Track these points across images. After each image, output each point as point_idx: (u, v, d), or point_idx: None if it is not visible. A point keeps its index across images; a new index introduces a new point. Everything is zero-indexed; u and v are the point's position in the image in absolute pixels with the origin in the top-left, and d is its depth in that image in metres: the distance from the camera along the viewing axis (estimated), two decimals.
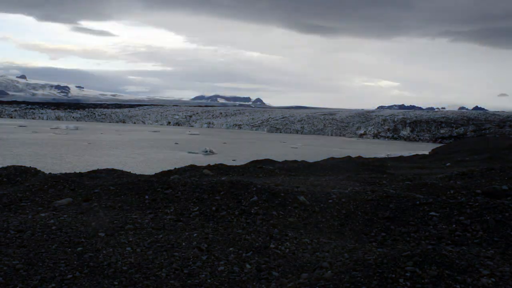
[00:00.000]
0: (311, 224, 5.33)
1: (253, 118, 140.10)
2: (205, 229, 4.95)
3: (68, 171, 10.36)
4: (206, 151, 44.79)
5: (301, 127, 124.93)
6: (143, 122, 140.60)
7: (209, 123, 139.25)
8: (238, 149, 52.10)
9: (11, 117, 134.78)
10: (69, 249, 4.20)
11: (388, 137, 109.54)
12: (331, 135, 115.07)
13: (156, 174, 11.04)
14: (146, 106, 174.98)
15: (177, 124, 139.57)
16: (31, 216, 5.32)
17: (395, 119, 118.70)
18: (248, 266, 4.01)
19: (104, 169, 9.98)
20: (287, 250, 4.40)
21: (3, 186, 7.22)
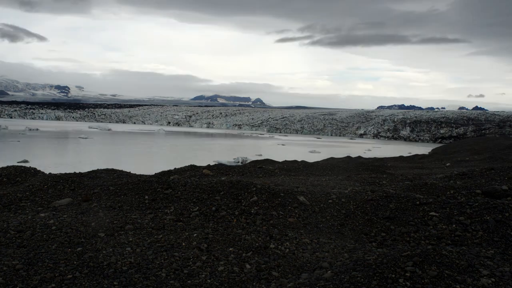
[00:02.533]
0: (311, 224, 5.33)
1: (253, 118, 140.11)
2: (205, 229, 4.95)
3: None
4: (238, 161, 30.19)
5: (301, 127, 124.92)
6: (143, 122, 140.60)
7: (209, 123, 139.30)
8: None
9: (11, 117, 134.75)
10: (69, 249, 4.20)
11: (388, 137, 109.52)
12: (331, 135, 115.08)
13: (156, 174, 11.04)
14: (146, 106, 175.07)
15: (177, 124, 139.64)
16: (31, 216, 5.32)
17: (395, 119, 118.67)
18: (248, 266, 4.00)
19: (103, 169, 9.97)
20: (287, 250, 4.40)
21: (3, 186, 7.22)
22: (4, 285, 3.43)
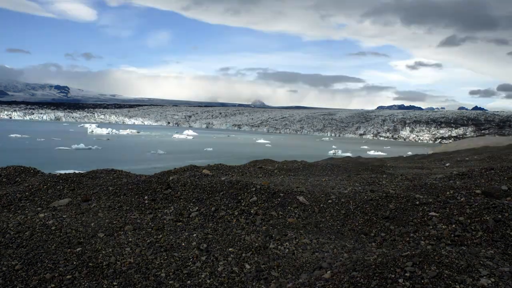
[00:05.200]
0: (311, 224, 5.33)
1: (252, 118, 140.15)
2: (205, 229, 4.95)
3: None
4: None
5: (300, 127, 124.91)
6: (143, 122, 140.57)
7: (209, 123, 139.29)
8: None
9: (11, 117, 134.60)
10: (69, 250, 4.20)
11: (388, 137, 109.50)
12: (331, 135, 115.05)
13: (155, 174, 11.03)
14: (145, 106, 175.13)
15: (177, 124, 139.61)
16: (30, 216, 5.32)
17: (395, 119, 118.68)
18: (247, 266, 4.00)
19: (103, 169, 9.97)
20: (287, 250, 4.40)
21: (3, 186, 7.22)
22: (4, 286, 3.43)
